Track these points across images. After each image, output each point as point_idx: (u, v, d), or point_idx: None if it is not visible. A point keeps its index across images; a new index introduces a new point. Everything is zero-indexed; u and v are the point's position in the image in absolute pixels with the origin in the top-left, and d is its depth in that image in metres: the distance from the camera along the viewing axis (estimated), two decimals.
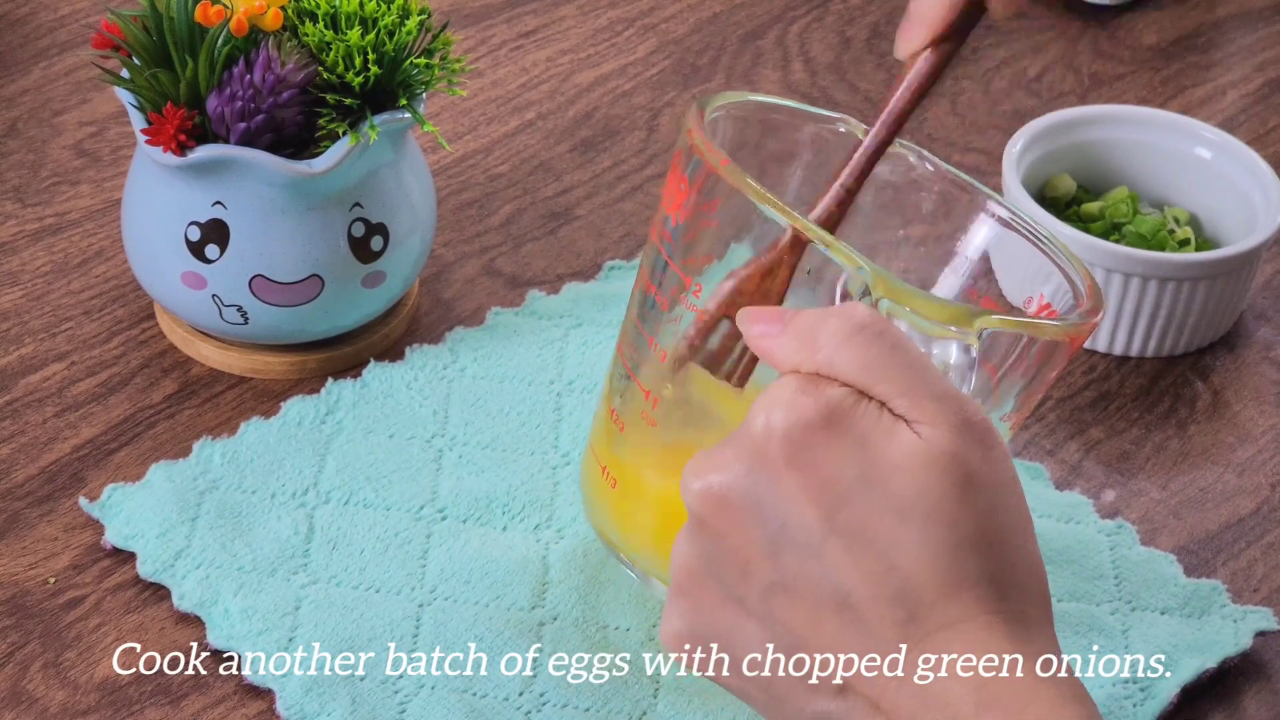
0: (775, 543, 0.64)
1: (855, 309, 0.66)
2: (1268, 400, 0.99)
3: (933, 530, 0.63)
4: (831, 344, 0.65)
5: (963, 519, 0.63)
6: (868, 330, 0.65)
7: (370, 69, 0.88)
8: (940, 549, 0.63)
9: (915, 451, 0.63)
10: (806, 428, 0.64)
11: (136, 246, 0.93)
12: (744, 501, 0.65)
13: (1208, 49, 1.23)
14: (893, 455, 0.64)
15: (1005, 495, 0.65)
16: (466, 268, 1.02)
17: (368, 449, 0.90)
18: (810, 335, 0.66)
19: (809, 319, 0.66)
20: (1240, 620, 0.87)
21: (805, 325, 0.66)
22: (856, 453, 0.64)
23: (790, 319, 0.67)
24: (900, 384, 0.65)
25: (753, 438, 0.65)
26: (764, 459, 0.64)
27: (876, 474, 0.64)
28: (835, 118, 0.85)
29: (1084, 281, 0.80)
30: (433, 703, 0.80)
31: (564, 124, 1.12)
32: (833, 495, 0.64)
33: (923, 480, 0.63)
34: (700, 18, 1.22)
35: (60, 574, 0.85)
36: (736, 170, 0.75)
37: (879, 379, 0.65)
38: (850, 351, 0.65)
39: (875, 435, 0.64)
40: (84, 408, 0.92)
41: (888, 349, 0.65)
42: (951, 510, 0.63)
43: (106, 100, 1.09)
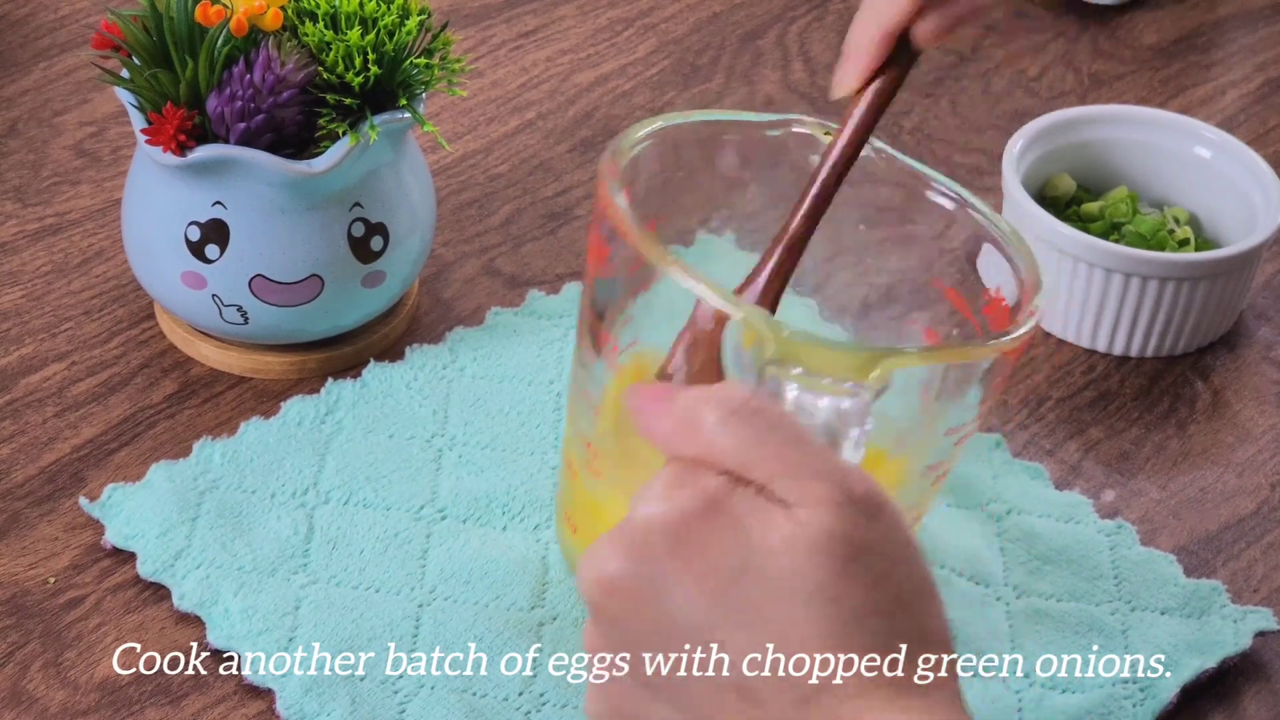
0: (671, 630, 0.65)
1: (733, 390, 0.66)
2: (1268, 400, 0.99)
3: (818, 610, 0.63)
4: (709, 429, 0.65)
5: (849, 594, 0.64)
6: (744, 412, 0.65)
7: (370, 69, 0.88)
8: (829, 627, 0.64)
9: (795, 535, 0.64)
10: (684, 520, 0.64)
11: (136, 246, 0.93)
12: (636, 591, 0.65)
13: (1208, 49, 1.23)
14: (771, 541, 0.64)
15: (897, 563, 0.65)
16: (466, 268, 1.02)
17: (367, 449, 0.90)
18: (690, 418, 0.66)
19: (689, 401, 0.66)
20: (1240, 620, 0.87)
21: (685, 408, 0.66)
22: (736, 541, 0.64)
23: (672, 399, 0.67)
24: (779, 465, 0.64)
25: (635, 529, 0.65)
26: (647, 551, 0.65)
27: (757, 560, 0.64)
28: (789, 119, 0.85)
29: (1028, 275, 0.80)
30: (433, 703, 0.80)
31: (564, 124, 1.12)
32: (717, 583, 0.64)
33: (803, 563, 0.63)
34: (700, 18, 1.22)
35: (60, 574, 0.85)
36: (639, 232, 0.75)
37: (757, 462, 0.65)
38: (728, 436, 0.65)
39: (753, 522, 0.64)
40: (84, 408, 0.92)
41: (766, 430, 0.65)
42: (836, 588, 0.64)
43: (106, 100, 1.09)
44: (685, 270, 0.73)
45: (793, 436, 0.65)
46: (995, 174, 1.11)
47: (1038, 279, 0.79)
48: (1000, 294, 0.80)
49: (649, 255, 0.74)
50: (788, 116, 0.85)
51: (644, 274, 0.76)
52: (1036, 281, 0.79)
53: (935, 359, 0.75)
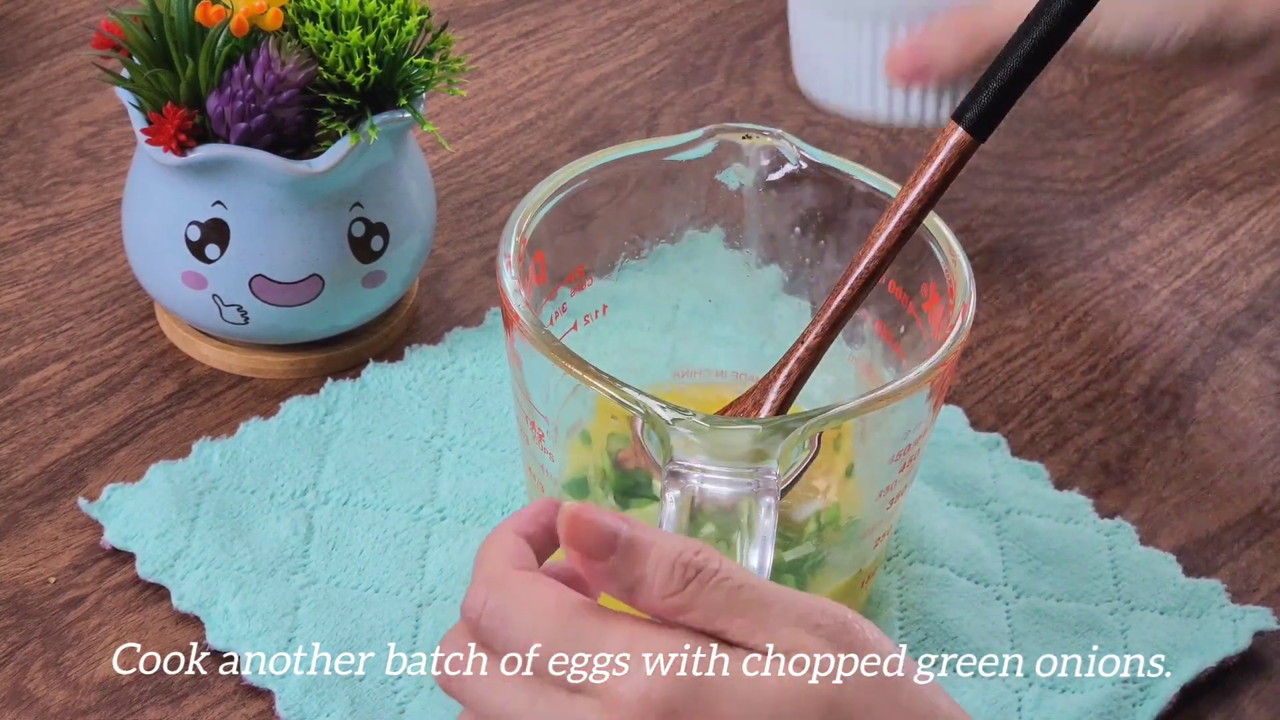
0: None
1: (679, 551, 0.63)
2: (1268, 400, 0.99)
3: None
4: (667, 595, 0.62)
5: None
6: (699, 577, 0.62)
7: (370, 69, 0.88)
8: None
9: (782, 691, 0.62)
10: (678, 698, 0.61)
11: (137, 246, 0.93)
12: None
13: None
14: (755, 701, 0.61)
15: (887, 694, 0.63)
16: (466, 268, 1.02)
17: (367, 449, 0.90)
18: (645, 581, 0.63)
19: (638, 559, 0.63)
20: (1239, 620, 0.87)
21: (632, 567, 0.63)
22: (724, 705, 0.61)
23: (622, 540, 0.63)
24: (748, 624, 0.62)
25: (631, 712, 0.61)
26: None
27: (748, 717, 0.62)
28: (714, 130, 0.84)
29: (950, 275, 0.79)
30: (432, 703, 0.80)
31: (564, 124, 1.12)
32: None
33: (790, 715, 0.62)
34: (700, 18, 1.22)
35: (60, 574, 0.85)
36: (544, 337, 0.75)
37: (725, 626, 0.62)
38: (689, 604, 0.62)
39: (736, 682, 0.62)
40: (84, 408, 0.92)
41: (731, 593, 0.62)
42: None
43: (106, 100, 1.09)
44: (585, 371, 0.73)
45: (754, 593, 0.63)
46: (995, 173, 1.11)
47: (963, 280, 0.79)
48: (936, 290, 0.80)
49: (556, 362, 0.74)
50: (712, 128, 0.84)
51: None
52: (963, 287, 0.78)
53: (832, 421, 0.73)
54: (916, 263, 0.81)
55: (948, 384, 0.78)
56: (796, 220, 0.85)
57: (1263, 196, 1.12)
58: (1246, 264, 1.08)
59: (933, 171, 0.76)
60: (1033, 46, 0.75)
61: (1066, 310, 1.04)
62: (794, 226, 0.85)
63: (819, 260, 0.86)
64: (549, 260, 0.81)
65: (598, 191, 0.83)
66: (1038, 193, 1.11)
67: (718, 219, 0.86)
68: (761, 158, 0.84)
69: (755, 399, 0.78)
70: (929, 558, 0.88)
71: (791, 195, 0.85)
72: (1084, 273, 1.06)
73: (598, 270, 0.84)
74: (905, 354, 0.82)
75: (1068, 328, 1.03)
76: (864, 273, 0.77)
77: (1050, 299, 1.04)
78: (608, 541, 0.63)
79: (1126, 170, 1.13)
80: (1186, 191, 1.12)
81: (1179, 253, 1.08)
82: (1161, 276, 1.06)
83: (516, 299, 0.76)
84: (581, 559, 0.63)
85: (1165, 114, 1.18)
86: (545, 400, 0.78)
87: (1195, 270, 1.07)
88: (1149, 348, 1.02)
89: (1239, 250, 1.09)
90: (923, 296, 0.81)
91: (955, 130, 0.76)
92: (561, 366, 0.74)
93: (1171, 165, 1.14)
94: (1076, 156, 1.14)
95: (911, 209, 0.76)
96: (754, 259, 0.87)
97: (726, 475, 0.70)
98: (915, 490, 0.90)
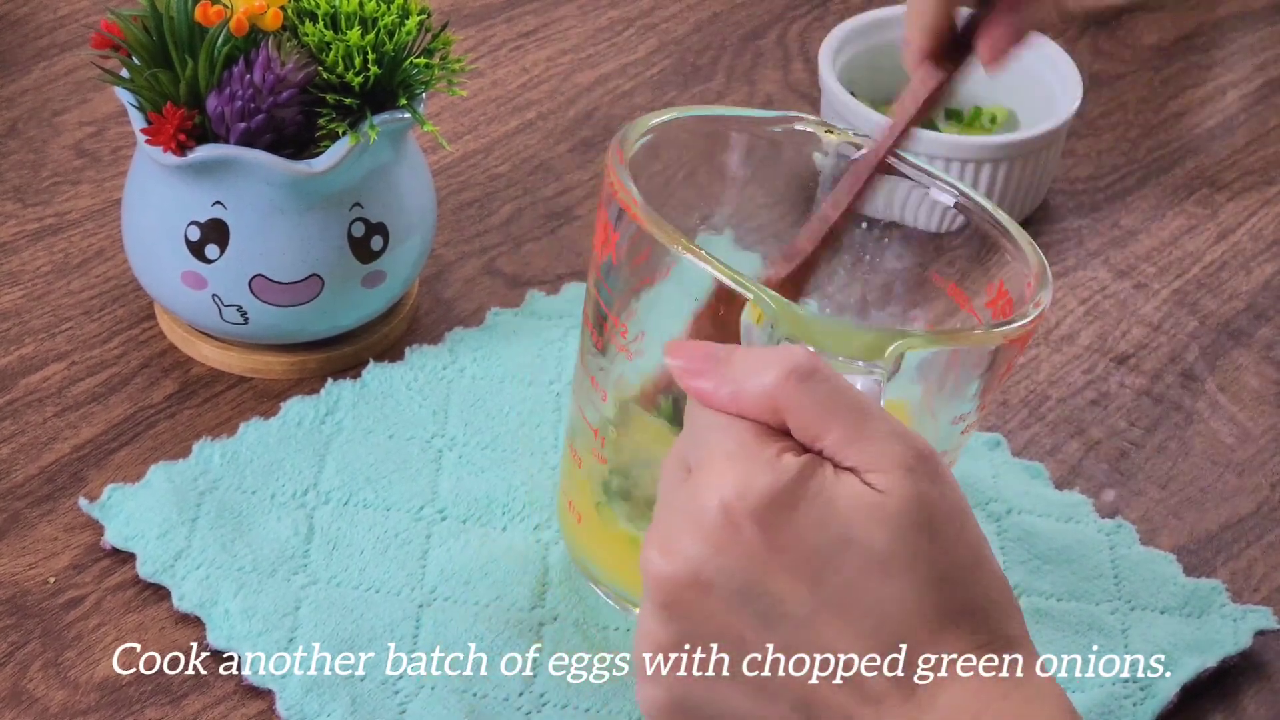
0: (765, 620, 0.64)
1: (792, 353, 0.65)
2: (1268, 400, 0.99)
3: (913, 575, 0.64)
4: (771, 390, 0.64)
5: (936, 556, 0.64)
6: (810, 378, 0.64)
7: (370, 69, 0.88)
8: (924, 591, 0.64)
9: (879, 504, 0.63)
10: (771, 505, 0.63)
11: (136, 246, 0.93)
12: (725, 585, 0.64)
13: (1208, 49, 1.24)
14: (862, 512, 0.63)
15: (964, 522, 0.65)
16: (466, 268, 1.02)
17: (367, 449, 0.90)
18: (747, 381, 0.65)
19: (744, 362, 0.65)
20: (1240, 620, 0.87)
21: (741, 369, 0.65)
22: (826, 519, 0.64)
23: (722, 358, 0.66)
24: (848, 431, 0.64)
25: (713, 515, 0.64)
26: (736, 541, 0.64)
27: (851, 536, 0.63)
28: (790, 117, 0.85)
29: (1033, 268, 0.80)
30: (433, 703, 0.80)
31: (564, 124, 1.12)
32: (814, 567, 0.64)
33: (893, 530, 0.63)
34: (700, 18, 1.22)
35: (60, 574, 0.85)
36: (649, 213, 0.74)
37: (826, 429, 0.64)
38: (792, 399, 0.64)
39: (838, 498, 0.64)
40: (84, 408, 0.92)
41: (830, 395, 0.64)
42: (926, 551, 0.64)
43: (106, 100, 1.09)
44: (698, 253, 0.73)
45: (856, 401, 0.65)
46: None
47: (1042, 271, 0.79)
48: (1005, 289, 0.80)
49: (661, 237, 0.74)
50: (789, 114, 0.85)
51: (654, 260, 0.76)
52: (1041, 274, 0.79)
53: (945, 342, 0.75)
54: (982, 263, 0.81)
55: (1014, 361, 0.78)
56: (862, 218, 0.85)
57: (1263, 196, 1.12)
58: (1246, 264, 1.08)
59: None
60: None
61: (1066, 310, 1.04)
62: (860, 221, 0.85)
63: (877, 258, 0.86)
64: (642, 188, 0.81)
65: (695, 142, 0.83)
66: None
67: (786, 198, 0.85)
68: (841, 152, 0.84)
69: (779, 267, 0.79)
70: None
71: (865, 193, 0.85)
72: (1084, 272, 1.06)
73: None
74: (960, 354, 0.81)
75: (1067, 327, 1.03)
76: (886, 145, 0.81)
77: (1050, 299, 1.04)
78: (711, 352, 0.66)
79: (1126, 170, 1.13)
80: (1186, 191, 1.12)
81: (1179, 252, 1.08)
82: (1161, 276, 1.06)
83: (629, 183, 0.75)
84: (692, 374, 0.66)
85: (1165, 114, 1.18)
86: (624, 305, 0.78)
87: (1195, 270, 1.07)
88: (1149, 348, 1.02)
89: (1239, 250, 1.09)
90: (987, 295, 0.81)
91: None
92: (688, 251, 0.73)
93: (1171, 165, 1.14)
94: (1076, 156, 1.14)
95: None
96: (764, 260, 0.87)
97: (844, 364, 0.70)
98: None
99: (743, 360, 0.65)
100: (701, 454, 0.65)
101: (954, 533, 0.64)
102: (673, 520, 0.65)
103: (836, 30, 1.09)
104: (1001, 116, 1.10)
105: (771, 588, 0.64)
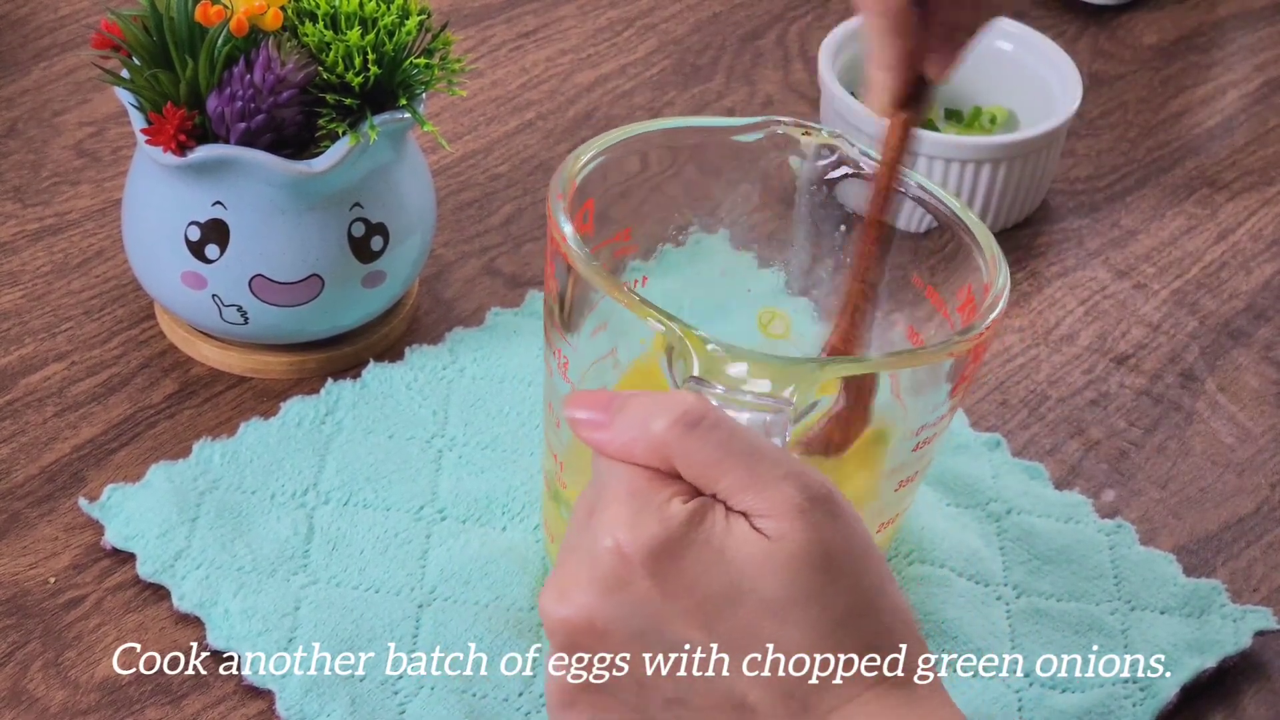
0: (665, 661, 0.65)
1: (680, 401, 0.65)
2: (1268, 400, 0.99)
3: (808, 617, 0.64)
4: (662, 439, 0.65)
5: (831, 599, 0.64)
6: (698, 426, 0.65)
7: (370, 69, 0.88)
8: (822, 633, 0.64)
9: (770, 552, 0.64)
10: (660, 553, 0.64)
11: (136, 246, 0.93)
12: (622, 629, 0.65)
13: (1208, 49, 1.24)
14: (751, 559, 0.64)
15: (863, 559, 0.65)
16: (466, 268, 1.02)
17: (367, 449, 0.90)
18: (638, 430, 0.65)
19: (635, 411, 0.66)
20: (1240, 620, 0.87)
21: (632, 418, 0.66)
22: (715, 567, 0.64)
23: (617, 406, 0.66)
24: (739, 477, 0.65)
25: (606, 562, 0.65)
26: (628, 588, 0.64)
27: (742, 580, 0.64)
28: (767, 121, 0.85)
29: (989, 273, 0.80)
30: (433, 703, 0.80)
31: (564, 124, 1.12)
32: (707, 612, 0.64)
33: (785, 575, 0.64)
34: (700, 18, 1.22)
35: (60, 574, 0.85)
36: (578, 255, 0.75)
37: (717, 477, 0.65)
38: (682, 450, 0.65)
39: (728, 545, 0.64)
40: (84, 408, 0.92)
41: (720, 442, 0.65)
42: (821, 594, 0.64)
43: (106, 100, 1.09)
44: (618, 290, 0.73)
45: (745, 444, 0.65)
46: None
47: (998, 278, 0.79)
48: (972, 293, 0.81)
49: (593, 282, 0.74)
50: (765, 119, 0.85)
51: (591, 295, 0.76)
52: (996, 281, 0.79)
53: (858, 369, 0.75)
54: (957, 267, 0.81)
55: (971, 374, 0.78)
56: (844, 218, 0.85)
57: (1263, 196, 1.12)
58: (1246, 264, 1.08)
59: None
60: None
61: (1066, 310, 1.04)
62: (840, 224, 0.86)
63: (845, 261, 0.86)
64: (597, 212, 0.81)
65: (652, 156, 0.83)
66: None
67: (765, 207, 0.86)
68: (820, 155, 0.84)
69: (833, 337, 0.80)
70: (929, 558, 0.88)
71: (845, 193, 0.85)
72: (1083, 272, 1.06)
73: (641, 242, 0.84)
74: None
75: (1067, 328, 1.03)
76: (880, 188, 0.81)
77: (1050, 299, 1.04)
78: (605, 401, 0.66)
79: (1126, 170, 1.13)
80: (1186, 191, 1.12)
81: (1179, 252, 1.08)
82: (1161, 276, 1.06)
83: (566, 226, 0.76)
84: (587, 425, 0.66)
85: (1165, 114, 1.18)
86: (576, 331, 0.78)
87: (1195, 270, 1.07)
88: (1148, 348, 1.02)
89: (1239, 250, 1.09)
90: (958, 300, 0.81)
91: None
92: (600, 285, 0.74)
93: (1171, 165, 1.14)
94: (1076, 156, 1.14)
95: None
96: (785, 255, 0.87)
97: (744, 399, 0.70)
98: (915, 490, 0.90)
99: (634, 409, 0.66)
100: (600, 499, 0.66)
101: (852, 571, 0.64)
102: (570, 564, 0.66)
103: (836, 30, 1.09)
104: (1001, 117, 1.10)
105: (668, 632, 0.65)
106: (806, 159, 0.85)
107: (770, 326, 0.88)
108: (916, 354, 0.77)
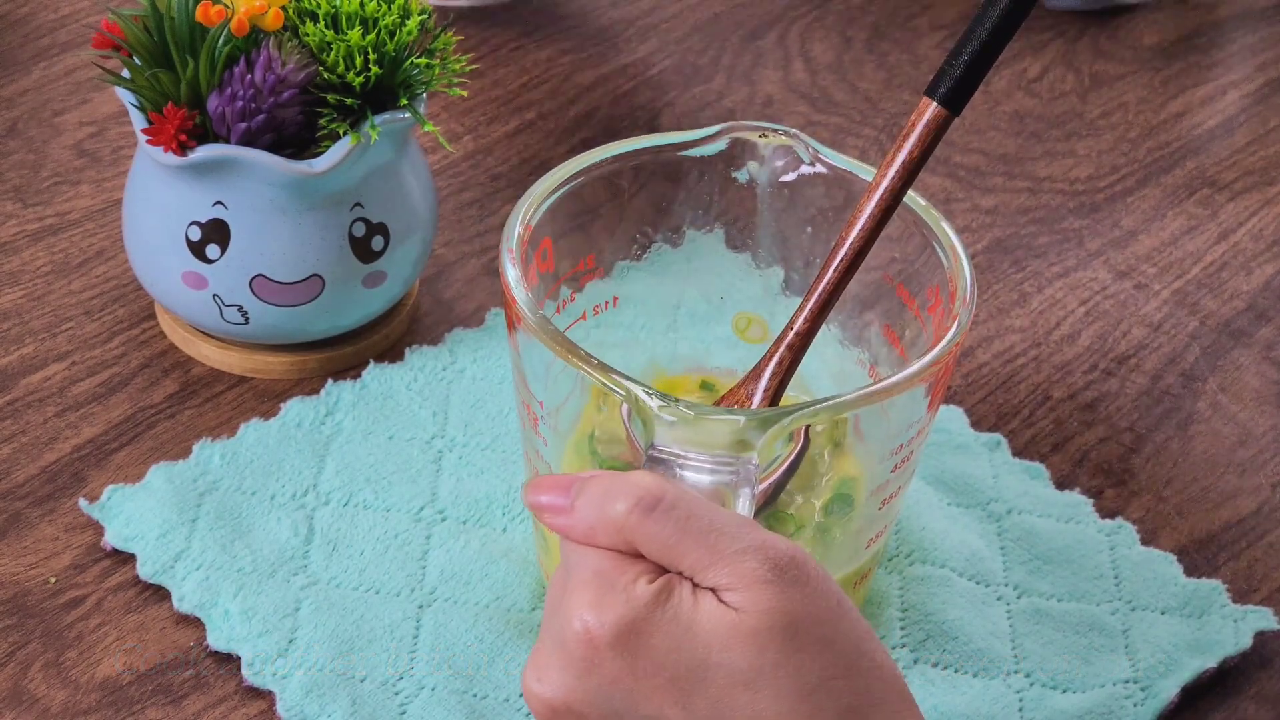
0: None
1: (639, 484, 0.66)
2: (1268, 400, 0.99)
3: (779, 685, 0.64)
4: (623, 527, 0.65)
5: (803, 665, 0.64)
6: (656, 509, 0.65)
7: (371, 69, 0.88)
8: (796, 699, 0.64)
9: (736, 624, 0.64)
10: (627, 634, 0.65)
11: (137, 246, 0.93)
12: (599, 707, 0.66)
13: (1208, 49, 1.24)
14: (717, 633, 0.64)
15: (836, 622, 0.65)
16: (466, 268, 1.02)
17: (367, 450, 0.90)
18: (598, 515, 0.66)
19: (595, 495, 0.66)
20: (1240, 620, 0.87)
21: (592, 503, 0.66)
22: (683, 643, 0.64)
23: (576, 490, 0.67)
24: (701, 556, 0.65)
25: (576, 644, 0.65)
26: (599, 668, 0.65)
27: (710, 654, 0.64)
28: (725, 129, 0.84)
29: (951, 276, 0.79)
30: (433, 704, 0.80)
31: (564, 124, 1.12)
32: (680, 688, 0.65)
33: (753, 645, 0.64)
34: (700, 18, 1.22)
35: (61, 574, 0.85)
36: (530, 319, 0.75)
37: (679, 558, 0.65)
38: (643, 534, 0.65)
39: (696, 621, 0.64)
40: (84, 408, 0.92)
41: (679, 524, 0.65)
42: (791, 662, 0.64)
43: (106, 100, 1.09)
44: (575, 356, 0.73)
45: (705, 521, 0.65)
46: (995, 174, 1.11)
47: (963, 281, 0.79)
48: (939, 291, 0.80)
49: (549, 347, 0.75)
50: (723, 126, 0.84)
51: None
52: (963, 287, 0.78)
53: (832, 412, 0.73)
54: (922, 266, 0.81)
55: (945, 383, 0.78)
56: (808, 219, 0.85)
57: (1263, 196, 1.12)
58: (1246, 264, 1.08)
59: (910, 147, 0.76)
60: (1000, 17, 0.75)
61: (1066, 310, 1.04)
62: (805, 226, 0.86)
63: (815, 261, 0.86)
64: (557, 248, 0.81)
65: (609, 182, 0.83)
66: (1038, 193, 1.11)
67: (727, 216, 0.86)
68: (777, 157, 0.84)
69: (748, 389, 0.78)
70: (929, 558, 0.88)
71: (805, 195, 0.85)
72: (1084, 273, 1.06)
73: (606, 264, 0.85)
74: (910, 357, 0.82)
75: (1068, 328, 1.03)
76: (848, 254, 0.77)
77: (1050, 299, 1.04)
78: (565, 486, 0.67)
79: (1126, 170, 1.13)
80: (1187, 191, 1.12)
81: (1179, 253, 1.08)
82: (1161, 276, 1.06)
83: (518, 289, 0.76)
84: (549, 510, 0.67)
85: (1165, 114, 1.18)
86: (541, 386, 0.78)
87: (1195, 270, 1.07)
88: (1149, 348, 1.02)
89: (1239, 250, 1.09)
90: (927, 299, 0.81)
91: (930, 106, 0.76)
92: (551, 349, 0.74)
93: (1172, 165, 1.14)
94: (1076, 156, 1.14)
95: (892, 186, 0.76)
96: (755, 260, 0.87)
97: (707, 464, 0.70)
98: (915, 490, 0.90)
99: (593, 492, 0.66)
100: (569, 581, 0.67)
101: (822, 636, 0.65)
102: (546, 646, 0.67)
103: None
104: None
105: (644, 709, 0.65)
106: (765, 162, 0.84)
107: (748, 331, 0.88)
108: (887, 388, 0.74)
